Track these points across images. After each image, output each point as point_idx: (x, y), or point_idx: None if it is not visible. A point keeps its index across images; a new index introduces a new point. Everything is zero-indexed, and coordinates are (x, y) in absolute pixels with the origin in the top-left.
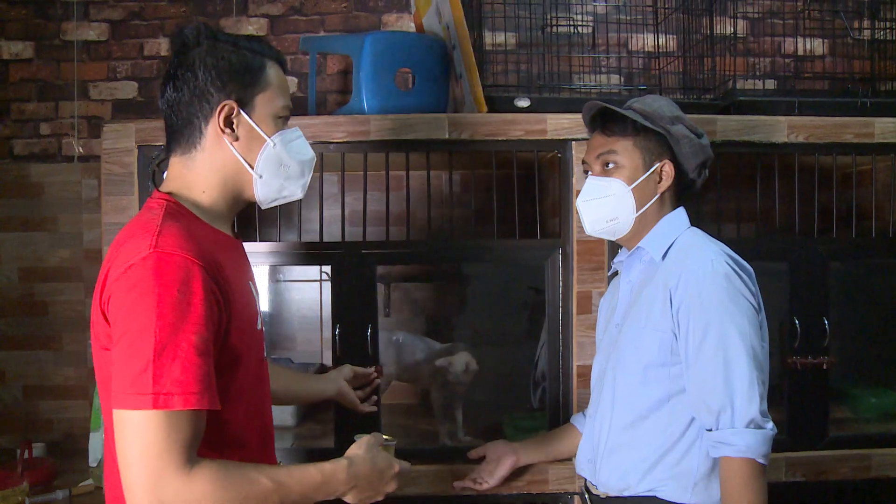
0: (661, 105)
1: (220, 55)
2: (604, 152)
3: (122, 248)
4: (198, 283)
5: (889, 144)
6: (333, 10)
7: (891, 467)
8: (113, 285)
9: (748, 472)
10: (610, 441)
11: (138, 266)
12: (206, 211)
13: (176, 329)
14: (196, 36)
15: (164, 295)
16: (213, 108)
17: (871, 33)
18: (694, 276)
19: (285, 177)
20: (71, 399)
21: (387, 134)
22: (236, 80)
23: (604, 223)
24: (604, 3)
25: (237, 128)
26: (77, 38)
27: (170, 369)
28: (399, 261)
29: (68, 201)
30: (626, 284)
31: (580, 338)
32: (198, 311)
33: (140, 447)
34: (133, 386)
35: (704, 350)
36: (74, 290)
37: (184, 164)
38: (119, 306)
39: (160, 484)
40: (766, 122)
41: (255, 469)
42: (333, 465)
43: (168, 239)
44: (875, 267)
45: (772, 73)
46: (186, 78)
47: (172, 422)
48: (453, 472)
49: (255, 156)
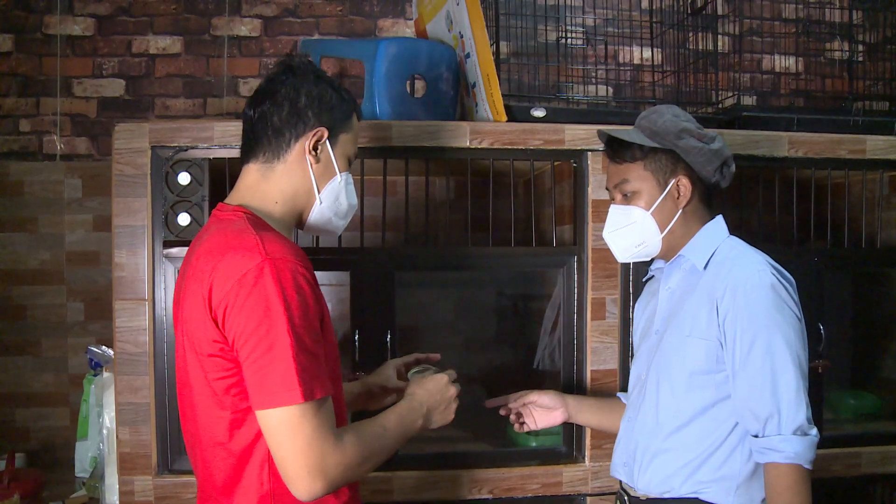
0: (666, 120)
1: (322, 89)
2: (619, 182)
3: (225, 259)
4: (306, 285)
5: (879, 161)
6: (329, 13)
7: (879, 464)
8: (229, 295)
9: (795, 478)
10: (653, 446)
11: (255, 274)
12: (278, 222)
13: (303, 329)
14: (304, 66)
15: (287, 299)
16: (307, 129)
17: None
18: (741, 286)
19: (334, 212)
20: (50, 406)
21: (408, 140)
22: (332, 114)
23: (633, 249)
24: (598, 17)
25: (320, 153)
26: (60, 32)
27: (307, 365)
28: (418, 266)
29: (49, 201)
30: (665, 292)
31: (594, 343)
32: (312, 309)
33: (301, 435)
34: (283, 385)
35: (752, 359)
36: (55, 294)
37: (262, 172)
38: (246, 315)
39: (324, 460)
40: (770, 137)
41: (370, 422)
42: (406, 402)
43: (274, 247)
44: (857, 275)
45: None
46: (290, 97)
47: (321, 406)
48: (470, 476)
49: (325, 183)
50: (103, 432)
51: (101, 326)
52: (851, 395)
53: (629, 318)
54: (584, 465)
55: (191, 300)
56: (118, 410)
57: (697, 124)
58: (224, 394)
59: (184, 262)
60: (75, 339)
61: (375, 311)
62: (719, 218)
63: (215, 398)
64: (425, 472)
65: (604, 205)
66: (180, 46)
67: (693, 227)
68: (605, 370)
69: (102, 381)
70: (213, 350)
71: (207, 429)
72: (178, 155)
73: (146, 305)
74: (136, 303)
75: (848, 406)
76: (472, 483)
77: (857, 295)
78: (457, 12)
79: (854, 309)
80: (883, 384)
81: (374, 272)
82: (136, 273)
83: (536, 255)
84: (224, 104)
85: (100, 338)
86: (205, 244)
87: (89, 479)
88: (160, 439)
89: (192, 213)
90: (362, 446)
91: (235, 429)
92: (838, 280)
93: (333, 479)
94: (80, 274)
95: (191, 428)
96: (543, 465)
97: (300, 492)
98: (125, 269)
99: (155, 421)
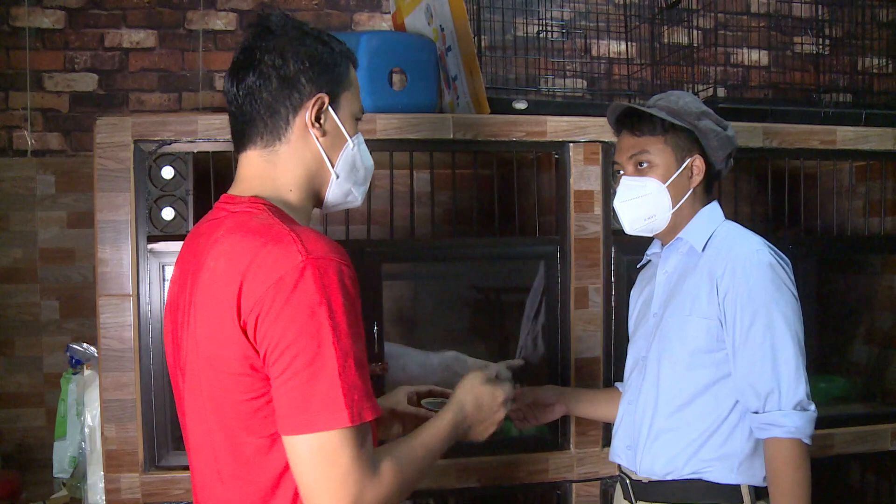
0: (688, 101)
1: (310, 46)
2: (636, 153)
3: (258, 260)
4: (353, 288)
5: (848, 151)
6: (304, 7)
7: (851, 444)
8: (263, 300)
9: (796, 452)
10: (655, 427)
11: (296, 276)
12: (297, 211)
13: (350, 338)
14: (283, 23)
15: (334, 305)
16: (304, 100)
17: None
18: (740, 265)
19: (353, 181)
20: (24, 407)
21: (392, 133)
22: (327, 73)
23: (642, 222)
24: (576, 11)
25: (324, 123)
26: (29, 24)
27: (355, 382)
28: (404, 258)
29: (21, 198)
30: (662, 275)
31: (578, 332)
32: (359, 315)
33: (337, 465)
34: (325, 407)
35: (752, 336)
36: (29, 292)
37: (265, 157)
38: (283, 325)
39: (361, 496)
40: (746, 128)
41: (408, 443)
42: (452, 413)
43: (315, 244)
44: (826, 262)
45: (725, 81)
46: (276, 64)
47: (361, 431)
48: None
49: (337, 154)
50: (85, 431)
51: (77, 324)
52: (822, 380)
53: (612, 306)
54: (570, 452)
55: (210, 310)
56: (103, 408)
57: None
58: (250, 417)
59: (187, 263)
60: (50, 337)
61: (362, 304)
62: (715, 203)
63: (240, 422)
64: None
65: (586, 195)
66: (154, 40)
67: (696, 208)
68: (589, 358)
69: (84, 378)
70: (242, 368)
71: (226, 459)
72: (161, 149)
73: (131, 301)
74: (121, 298)
75: (819, 390)
76: (458, 472)
77: (825, 281)
78: (438, 6)
79: (823, 295)
80: (852, 368)
81: (360, 264)
82: (120, 268)
83: (520, 246)
84: (200, 98)
85: (76, 336)
86: (223, 242)
87: (70, 479)
88: (147, 436)
89: (176, 208)
90: (402, 474)
91: (262, 456)
92: (808, 266)
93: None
94: (54, 272)
95: (203, 459)
96: (529, 452)
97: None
98: (109, 264)
99: (141, 417)
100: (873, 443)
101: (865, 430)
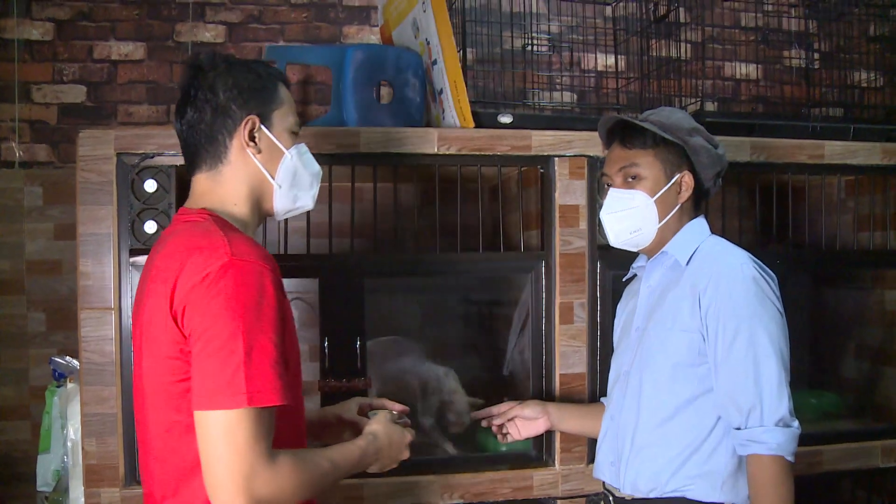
0: (679, 117)
1: (237, 75)
2: (626, 165)
3: (192, 259)
4: (271, 288)
5: (836, 165)
6: (293, 20)
7: (840, 461)
8: (191, 294)
9: (777, 469)
10: (637, 441)
11: (218, 274)
12: (242, 223)
13: (260, 331)
14: (212, 60)
15: (247, 300)
16: (237, 124)
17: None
18: (724, 279)
19: (299, 188)
20: (9, 420)
21: (376, 147)
22: (256, 97)
23: (627, 235)
24: (564, 25)
25: (259, 141)
26: (18, 36)
27: (260, 369)
28: (387, 273)
29: (8, 209)
30: (645, 289)
31: (563, 347)
32: (274, 313)
33: (233, 443)
34: (228, 386)
35: (735, 351)
36: (15, 304)
37: (212, 178)
38: (203, 313)
39: (252, 475)
40: (733, 142)
41: (316, 453)
42: (364, 440)
43: (241, 247)
44: (816, 277)
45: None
46: (208, 98)
47: (261, 417)
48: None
49: (276, 167)
50: (67, 445)
51: (63, 337)
52: (813, 395)
53: (598, 322)
54: (555, 469)
55: (152, 301)
56: (84, 422)
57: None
58: (180, 398)
59: (144, 268)
60: (37, 350)
61: (344, 319)
62: (702, 218)
63: (171, 402)
64: (396, 478)
65: (571, 210)
66: (143, 52)
67: (683, 224)
68: (573, 374)
69: (67, 392)
70: (172, 352)
71: (160, 436)
72: (144, 162)
73: (112, 314)
74: (102, 311)
75: (810, 405)
76: (443, 488)
77: (815, 295)
78: (423, 19)
79: (813, 309)
80: (843, 383)
81: (342, 279)
82: (101, 281)
83: (504, 261)
84: None
85: (62, 348)
86: (168, 246)
87: (52, 493)
88: (128, 450)
89: (159, 221)
90: (300, 473)
91: (188, 435)
92: (798, 281)
93: (259, 498)
94: (41, 283)
95: (143, 436)
96: (514, 469)
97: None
98: (91, 277)
99: (122, 432)
100: (864, 459)
101: (855, 447)
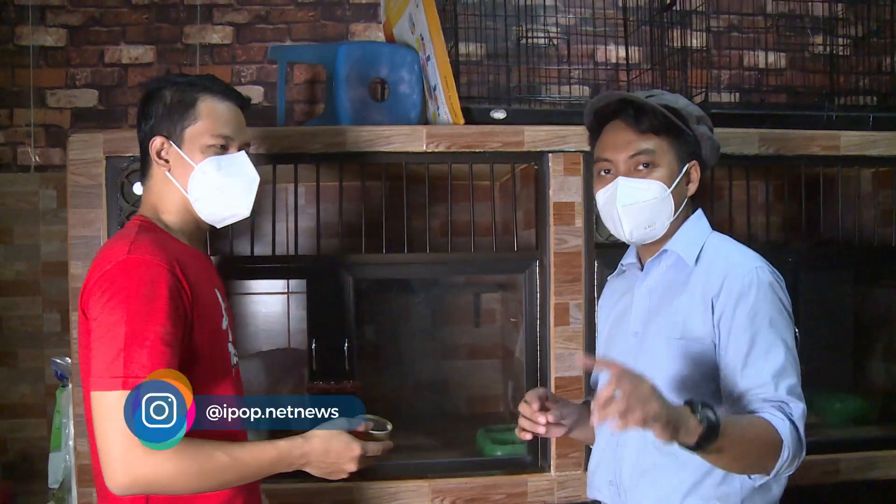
0: (687, 104)
1: (161, 97)
2: (640, 151)
3: (99, 257)
4: (163, 284)
5: (853, 157)
6: (300, 20)
7: (857, 471)
8: (91, 287)
9: (770, 437)
10: (642, 462)
11: (113, 269)
12: (175, 229)
13: (144, 321)
14: (152, 83)
15: (134, 292)
16: (148, 143)
17: (830, 49)
18: (738, 284)
19: (226, 198)
20: (27, 418)
21: (363, 146)
22: (167, 117)
23: (642, 230)
24: (573, 16)
25: (169, 159)
26: (33, 42)
27: (139, 356)
28: (376, 274)
29: (24, 212)
30: (643, 290)
31: (558, 350)
32: (164, 307)
33: (113, 424)
34: (108, 370)
35: (752, 359)
36: (32, 305)
37: (147, 189)
38: (96, 304)
39: (130, 454)
40: (739, 134)
41: (214, 445)
42: (289, 442)
43: (140, 247)
44: (836, 275)
45: (737, 85)
46: (138, 119)
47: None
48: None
49: (186, 180)
50: (69, 444)
51: None
52: (838, 399)
53: (595, 323)
54: (550, 475)
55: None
56: (76, 422)
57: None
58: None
59: None
60: (52, 349)
61: (332, 320)
62: (700, 212)
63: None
64: (387, 482)
65: (566, 207)
66: (153, 55)
67: (684, 220)
68: (570, 377)
69: (68, 392)
70: (86, 341)
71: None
72: (132, 165)
73: None
74: None
75: (835, 410)
76: (435, 493)
77: (839, 294)
78: (417, 14)
79: (838, 309)
80: (871, 387)
81: (330, 279)
82: None
83: (498, 261)
84: None
85: None
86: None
87: (58, 491)
88: None
89: None
90: (187, 461)
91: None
92: (820, 279)
93: (143, 481)
94: (56, 285)
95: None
96: (508, 474)
97: (108, 482)
98: (81, 280)
99: None
100: (885, 469)
101: (877, 455)
